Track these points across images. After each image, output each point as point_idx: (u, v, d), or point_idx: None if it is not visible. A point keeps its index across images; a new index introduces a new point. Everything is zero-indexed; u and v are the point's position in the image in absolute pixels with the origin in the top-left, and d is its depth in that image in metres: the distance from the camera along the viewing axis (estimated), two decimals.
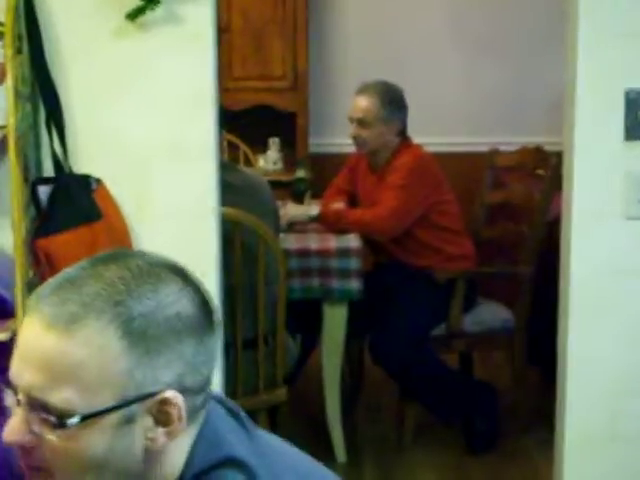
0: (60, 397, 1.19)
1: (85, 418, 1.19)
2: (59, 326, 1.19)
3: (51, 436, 1.20)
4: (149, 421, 1.23)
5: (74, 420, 1.19)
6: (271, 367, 3.46)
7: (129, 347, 1.20)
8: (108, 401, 1.20)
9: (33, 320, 1.21)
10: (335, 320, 3.84)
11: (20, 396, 1.22)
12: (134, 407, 1.21)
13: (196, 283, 1.29)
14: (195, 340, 1.25)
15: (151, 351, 1.21)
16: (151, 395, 1.22)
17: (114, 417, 1.20)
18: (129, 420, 1.21)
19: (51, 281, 1.25)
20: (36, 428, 1.21)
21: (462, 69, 5.63)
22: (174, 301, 1.23)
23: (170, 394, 1.22)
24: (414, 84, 4.37)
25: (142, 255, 1.29)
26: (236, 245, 3.30)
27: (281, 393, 3.51)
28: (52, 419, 1.19)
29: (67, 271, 1.25)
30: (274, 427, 3.62)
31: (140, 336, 1.20)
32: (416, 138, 4.17)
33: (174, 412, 1.23)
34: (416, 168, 4.03)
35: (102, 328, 1.19)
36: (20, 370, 1.22)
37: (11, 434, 1.22)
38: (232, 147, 5.04)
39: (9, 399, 1.23)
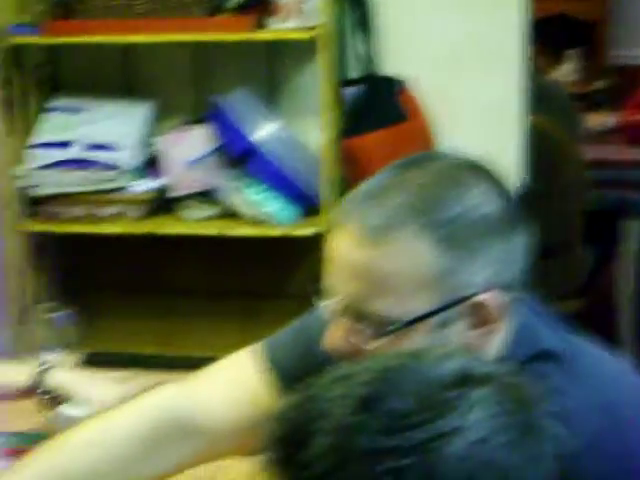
0: (378, 306, 1.19)
1: (404, 325, 1.19)
2: (371, 237, 1.19)
3: (369, 346, 1.21)
4: (464, 324, 1.22)
5: (392, 328, 1.19)
6: (564, 278, 3.42)
7: (440, 253, 1.18)
8: (424, 307, 1.19)
9: (344, 232, 1.22)
10: (631, 233, 3.74)
11: (337, 306, 1.23)
12: (450, 311, 1.20)
13: (499, 181, 1.26)
14: (503, 239, 1.22)
15: (462, 255, 1.19)
16: (466, 298, 1.20)
17: (431, 322, 1.20)
18: (445, 324, 1.21)
19: (358, 191, 1.24)
20: (353, 338, 1.22)
21: None
22: (480, 203, 1.21)
23: (484, 295, 1.21)
24: None
25: (444, 157, 1.29)
26: (537, 151, 3.26)
27: (572, 305, 3.47)
28: (370, 329, 1.20)
29: (372, 180, 1.25)
30: None
31: (450, 241, 1.19)
32: None
33: (489, 313, 1.22)
34: None
35: (413, 237, 1.18)
36: (336, 281, 1.23)
37: (331, 343, 1.24)
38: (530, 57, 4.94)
39: (328, 309, 1.25)
